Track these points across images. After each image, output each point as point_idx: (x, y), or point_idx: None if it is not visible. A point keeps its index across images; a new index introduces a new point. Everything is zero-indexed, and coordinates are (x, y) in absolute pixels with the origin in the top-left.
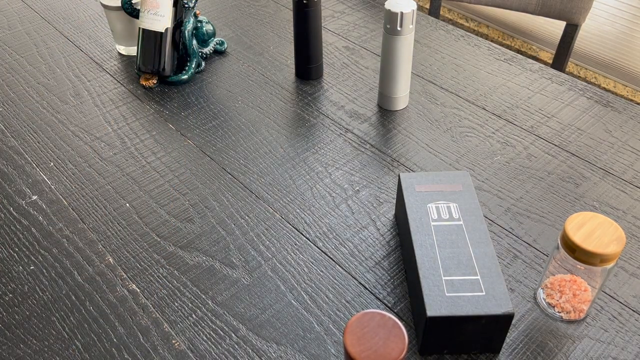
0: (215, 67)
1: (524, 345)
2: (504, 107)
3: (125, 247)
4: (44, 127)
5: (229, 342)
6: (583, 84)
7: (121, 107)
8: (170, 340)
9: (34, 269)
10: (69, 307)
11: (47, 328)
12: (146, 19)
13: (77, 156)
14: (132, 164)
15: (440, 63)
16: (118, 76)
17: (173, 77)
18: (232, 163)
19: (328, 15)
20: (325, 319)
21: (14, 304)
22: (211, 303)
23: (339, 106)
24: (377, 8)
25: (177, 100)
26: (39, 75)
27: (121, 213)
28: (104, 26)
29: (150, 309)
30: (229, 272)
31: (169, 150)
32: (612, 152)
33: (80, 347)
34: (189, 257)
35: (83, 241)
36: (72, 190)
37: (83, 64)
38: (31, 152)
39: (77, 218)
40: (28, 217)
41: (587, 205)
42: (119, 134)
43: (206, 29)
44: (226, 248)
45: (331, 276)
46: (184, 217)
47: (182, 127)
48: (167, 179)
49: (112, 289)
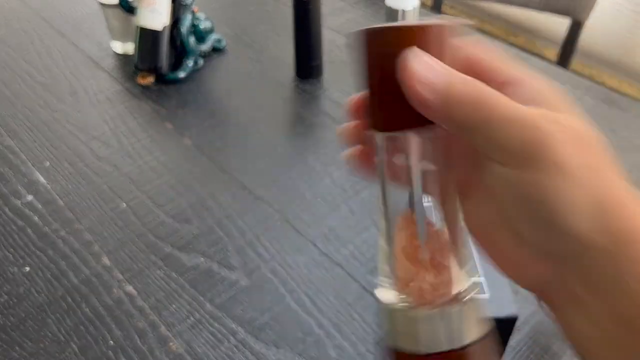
0: (214, 65)
1: (528, 348)
2: None
3: (122, 248)
4: (40, 125)
5: (227, 345)
6: (588, 82)
7: (118, 105)
8: (167, 343)
9: (29, 270)
10: (65, 309)
11: (42, 330)
12: (143, 16)
13: (73, 155)
14: (129, 164)
15: None
16: (115, 74)
17: (170, 75)
18: (230, 162)
19: (328, 13)
20: (325, 322)
21: (9, 306)
22: (209, 305)
23: (339, 105)
24: (378, 5)
25: (174, 99)
26: (35, 73)
27: (118, 213)
28: (101, 24)
29: (147, 311)
30: (227, 274)
31: (166, 149)
32: (617, 151)
33: (77, 350)
34: (186, 259)
35: (79, 242)
36: (68, 190)
37: (79, 62)
38: (27, 151)
39: (73, 218)
40: (23, 218)
41: None
42: (116, 133)
43: (204, 26)
44: (224, 249)
45: (332, 278)
46: (182, 218)
47: (179, 125)
48: (165, 179)
49: (108, 290)
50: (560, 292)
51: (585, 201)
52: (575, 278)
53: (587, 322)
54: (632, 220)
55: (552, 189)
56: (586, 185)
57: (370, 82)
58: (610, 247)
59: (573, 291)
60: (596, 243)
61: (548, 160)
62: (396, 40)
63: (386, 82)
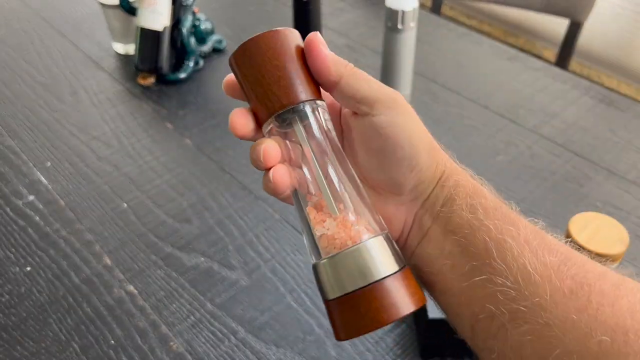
0: (214, 65)
1: None
2: (506, 106)
3: (123, 248)
4: (40, 126)
5: (228, 344)
6: (587, 83)
7: (118, 106)
8: (168, 342)
9: (30, 270)
10: (66, 309)
11: (44, 330)
12: (144, 16)
13: (74, 156)
14: (130, 164)
15: (442, 61)
16: (115, 74)
17: (171, 75)
18: (230, 162)
19: (328, 13)
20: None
21: (11, 306)
22: (210, 305)
23: None
24: (378, 5)
25: (175, 99)
26: (36, 74)
27: (118, 213)
28: (101, 24)
29: (148, 311)
30: (227, 274)
31: (166, 149)
32: (616, 151)
33: (78, 349)
34: (187, 258)
35: (80, 242)
36: (69, 191)
37: (80, 62)
38: (28, 151)
39: (74, 218)
40: (25, 218)
41: (591, 205)
42: (116, 133)
43: (205, 26)
44: (225, 249)
45: None
46: (182, 218)
47: (180, 126)
48: (165, 179)
49: (109, 290)
50: (414, 228)
51: (426, 138)
52: (423, 211)
53: (432, 246)
54: (448, 159)
55: (400, 123)
56: (421, 128)
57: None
58: (439, 175)
59: (421, 223)
60: (432, 172)
61: (405, 107)
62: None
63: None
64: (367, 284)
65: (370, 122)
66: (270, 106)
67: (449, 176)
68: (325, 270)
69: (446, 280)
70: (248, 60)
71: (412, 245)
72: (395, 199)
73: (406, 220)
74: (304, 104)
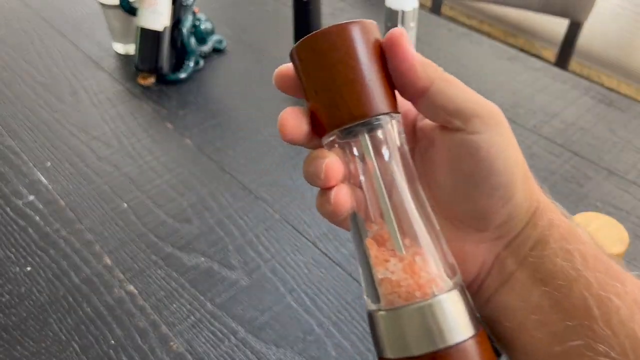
0: (214, 65)
1: None
2: (506, 106)
3: (123, 248)
4: (40, 126)
5: (228, 344)
6: (586, 83)
7: (118, 106)
8: (168, 342)
9: (30, 270)
10: (66, 309)
11: (44, 330)
12: (144, 16)
13: (74, 156)
14: (130, 164)
15: (442, 62)
16: (115, 74)
17: (171, 75)
18: (230, 162)
19: (328, 13)
20: (325, 321)
21: (11, 305)
22: (210, 305)
23: None
24: (378, 5)
25: (175, 99)
26: (36, 74)
27: (118, 213)
28: (101, 24)
29: (148, 311)
30: (227, 274)
31: (166, 149)
32: (615, 151)
33: (78, 349)
34: (187, 258)
35: (80, 242)
36: (69, 191)
37: (80, 62)
38: (28, 151)
39: (74, 218)
40: (25, 218)
41: (591, 205)
42: (116, 133)
43: (205, 27)
44: (225, 249)
45: (332, 277)
46: (182, 218)
47: (180, 126)
48: (165, 179)
49: (109, 290)
50: (494, 271)
51: (522, 165)
52: (507, 252)
53: (515, 295)
54: (540, 192)
55: (499, 145)
56: (519, 152)
57: (326, 83)
58: (533, 211)
59: (504, 266)
60: (527, 208)
61: (505, 125)
62: (342, 37)
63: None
64: (436, 349)
65: (463, 140)
66: (338, 116)
67: (542, 213)
68: (386, 323)
69: (532, 340)
70: (316, 57)
71: (489, 293)
72: (475, 236)
73: (484, 262)
74: (379, 117)
